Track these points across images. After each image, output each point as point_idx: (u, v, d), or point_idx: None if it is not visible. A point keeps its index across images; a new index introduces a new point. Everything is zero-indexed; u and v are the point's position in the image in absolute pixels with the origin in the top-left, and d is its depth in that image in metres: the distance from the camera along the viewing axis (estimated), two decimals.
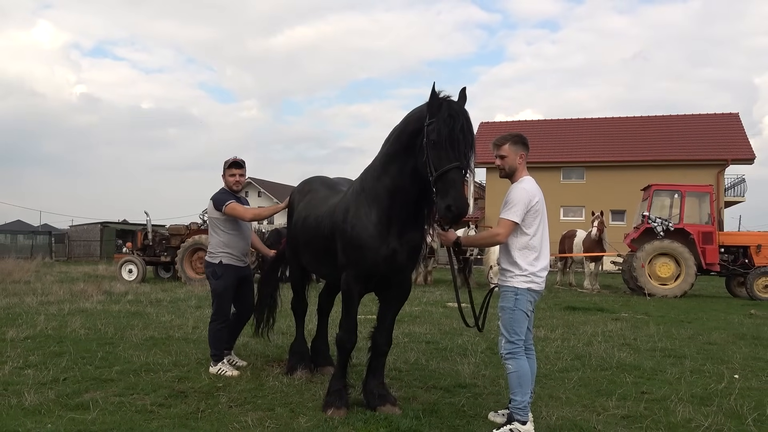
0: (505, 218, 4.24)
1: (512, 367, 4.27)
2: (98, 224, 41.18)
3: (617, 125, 39.50)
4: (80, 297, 12.58)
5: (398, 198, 4.49)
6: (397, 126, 4.58)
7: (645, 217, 16.54)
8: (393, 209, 4.53)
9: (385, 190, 4.54)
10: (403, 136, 4.43)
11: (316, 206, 5.42)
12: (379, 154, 4.71)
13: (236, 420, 4.44)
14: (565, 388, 5.55)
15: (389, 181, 4.51)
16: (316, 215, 5.30)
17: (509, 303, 4.30)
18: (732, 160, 34.74)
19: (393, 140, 4.55)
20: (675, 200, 17.03)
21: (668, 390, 5.50)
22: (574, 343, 7.86)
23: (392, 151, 4.52)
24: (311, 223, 5.36)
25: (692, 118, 39.05)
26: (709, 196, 16.95)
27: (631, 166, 35.60)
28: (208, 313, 10.26)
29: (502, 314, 4.35)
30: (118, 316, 9.77)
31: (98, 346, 7.07)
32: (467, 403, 4.99)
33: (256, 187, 54.85)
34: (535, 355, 4.56)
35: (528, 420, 4.25)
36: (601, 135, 38.67)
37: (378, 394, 4.79)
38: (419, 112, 4.34)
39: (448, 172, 3.93)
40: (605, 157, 36.88)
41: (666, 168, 34.17)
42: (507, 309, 4.31)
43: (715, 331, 9.23)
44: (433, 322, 9.76)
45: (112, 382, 5.51)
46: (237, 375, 5.81)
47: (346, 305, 4.79)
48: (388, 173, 4.53)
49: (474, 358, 6.80)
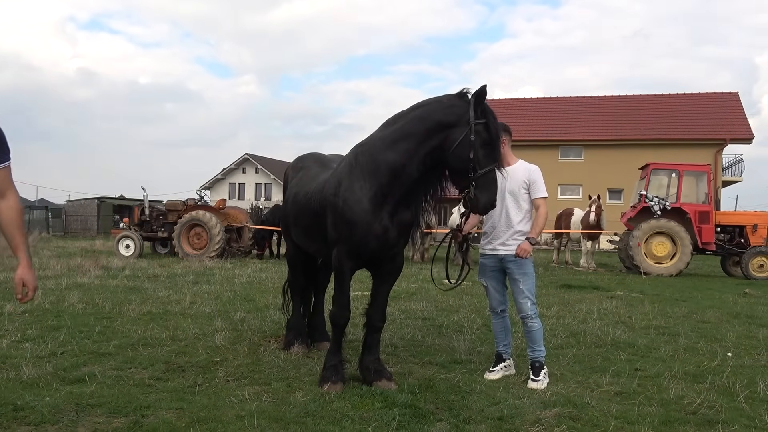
0: (544, 196, 5.12)
1: (537, 324, 5.07)
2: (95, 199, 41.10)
3: (616, 103, 39.32)
4: (77, 272, 12.59)
5: (401, 176, 4.48)
6: (420, 107, 4.54)
7: (642, 196, 16.53)
8: (392, 187, 4.52)
9: (387, 165, 4.50)
10: (429, 121, 4.41)
11: (307, 183, 5.42)
12: (388, 130, 4.62)
13: (233, 394, 4.48)
14: (560, 364, 5.59)
15: (395, 158, 4.47)
16: (306, 191, 5.31)
17: (531, 269, 5.08)
18: (730, 140, 34.70)
19: (413, 119, 4.49)
20: (672, 179, 17.01)
21: (662, 367, 5.55)
22: (570, 321, 7.91)
23: (409, 130, 4.47)
24: (301, 200, 5.38)
25: (691, 97, 38.87)
26: (707, 176, 16.93)
27: (630, 145, 35.54)
28: (204, 288, 10.34)
29: (524, 280, 5.02)
30: (115, 291, 9.80)
31: (96, 321, 7.09)
32: (462, 379, 5.04)
33: (254, 164, 54.61)
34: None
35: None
36: (600, 113, 38.50)
37: (374, 369, 4.82)
38: (452, 103, 4.39)
39: (491, 171, 4.31)
40: (604, 136, 36.77)
41: (664, 147, 34.14)
42: (530, 275, 5.07)
43: (709, 310, 9.30)
44: (429, 299, 9.80)
45: (109, 356, 5.54)
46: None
47: (338, 281, 4.80)
48: (395, 150, 4.49)
49: (470, 334, 6.84)
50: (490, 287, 5.27)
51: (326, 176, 5.09)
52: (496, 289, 5.26)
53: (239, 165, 55.77)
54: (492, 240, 5.17)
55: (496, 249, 5.13)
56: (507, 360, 5.31)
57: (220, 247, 17.59)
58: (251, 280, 12.10)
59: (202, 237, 17.83)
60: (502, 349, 5.31)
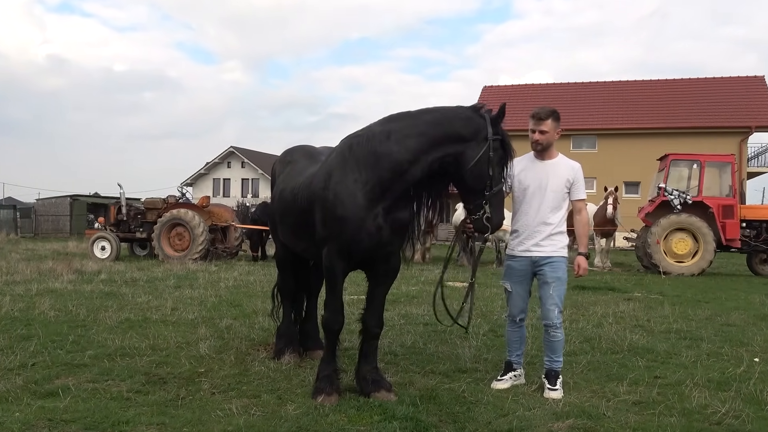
0: (583, 198, 5.16)
1: (560, 335, 5.06)
2: (68, 197, 41.07)
3: (632, 89, 39.39)
4: (49, 276, 12.57)
5: (404, 174, 4.50)
6: (436, 111, 4.62)
7: (661, 189, 16.56)
8: (393, 183, 4.53)
9: (390, 159, 4.49)
10: (447, 127, 4.52)
11: (294, 178, 5.44)
12: (394, 125, 4.62)
13: (219, 407, 4.47)
14: (573, 372, 5.60)
15: (401, 154, 4.48)
16: (292, 187, 5.33)
17: (563, 273, 5.01)
18: (756, 128, 34.73)
19: (429, 122, 4.54)
20: (693, 171, 17.06)
21: (683, 374, 5.56)
22: (583, 325, 7.93)
23: (423, 130, 4.51)
24: (287, 196, 5.40)
25: (713, 81, 38.93)
26: (731, 167, 16.96)
27: (647, 134, 35.61)
28: (187, 293, 10.34)
29: (557, 285, 4.97)
30: (90, 297, 9.78)
31: (69, 329, 7.08)
32: (468, 389, 5.04)
33: (240, 158, 54.56)
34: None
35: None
36: (615, 100, 38.56)
37: (371, 379, 4.82)
38: (469, 116, 4.56)
39: (502, 191, 4.60)
40: (619, 125, 36.83)
41: (684, 136, 34.16)
42: (563, 280, 5.00)
43: (734, 312, 9.32)
44: (431, 302, 9.79)
45: (84, 367, 5.54)
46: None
47: (329, 284, 4.81)
48: (403, 145, 4.50)
49: (475, 341, 6.85)
50: (515, 292, 5.17)
51: (314, 169, 5.09)
52: (520, 295, 5.17)
53: (224, 159, 55.69)
54: (525, 240, 5.08)
55: (529, 250, 5.05)
56: (518, 369, 5.29)
57: (203, 248, 17.58)
58: (238, 284, 12.10)
59: (184, 237, 17.82)
60: (513, 359, 5.28)
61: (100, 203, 40.35)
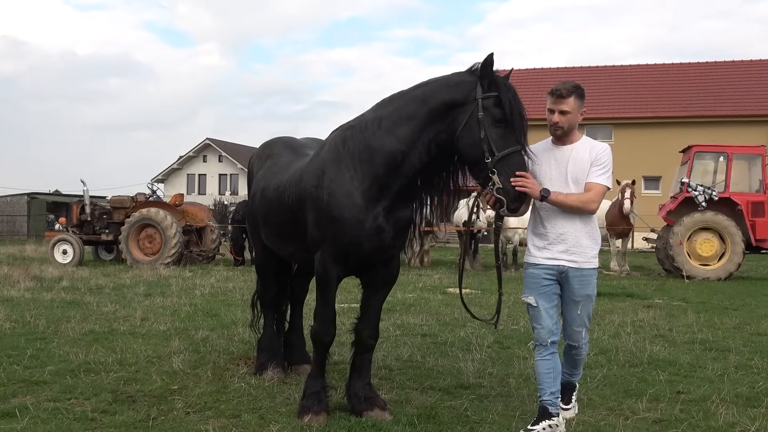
0: (602, 183, 4.47)
1: (586, 350, 4.86)
2: (25, 196, 40.94)
3: (652, 74, 39.48)
4: (4, 284, 12.52)
5: (401, 167, 4.50)
6: (423, 86, 4.58)
7: (684, 185, 16.60)
8: (390, 178, 4.53)
9: (384, 153, 4.50)
10: (432, 101, 4.44)
11: (276, 174, 5.43)
12: (384, 110, 4.63)
13: (195, 428, 4.48)
14: (588, 388, 5.62)
15: (394, 145, 4.48)
16: (277, 185, 5.31)
17: (593, 290, 4.58)
18: None
19: (414, 100, 4.52)
20: (720, 164, 17.11)
21: (709, 389, 5.58)
22: (599, 335, 7.95)
23: (410, 112, 4.49)
24: (270, 195, 5.38)
25: (741, 65, 39.08)
26: (761, 159, 17.02)
27: (668, 124, 35.69)
28: (158, 301, 10.32)
29: (586, 303, 4.56)
30: (50, 307, 9.77)
31: (27, 342, 7.07)
32: (470, 407, 5.05)
33: (217, 151, 54.56)
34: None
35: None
36: (633, 86, 38.64)
37: (364, 396, 4.83)
38: (460, 80, 4.43)
39: (514, 155, 4.23)
40: (637, 113, 36.93)
41: (710, 125, 34.27)
42: (592, 297, 4.59)
43: (765, 320, 9.36)
44: (430, 311, 9.83)
45: (44, 384, 5.53)
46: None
47: (322, 291, 4.80)
48: (394, 135, 4.50)
49: (479, 353, 6.86)
50: (541, 308, 4.48)
51: (302, 164, 5.09)
52: (548, 312, 4.50)
53: (199, 152, 55.68)
54: (550, 245, 4.49)
55: (555, 258, 4.46)
56: (555, 417, 4.45)
57: (176, 251, 17.58)
58: (215, 291, 12.09)
59: (154, 240, 17.79)
60: (547, 399, 4.47)
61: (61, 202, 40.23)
